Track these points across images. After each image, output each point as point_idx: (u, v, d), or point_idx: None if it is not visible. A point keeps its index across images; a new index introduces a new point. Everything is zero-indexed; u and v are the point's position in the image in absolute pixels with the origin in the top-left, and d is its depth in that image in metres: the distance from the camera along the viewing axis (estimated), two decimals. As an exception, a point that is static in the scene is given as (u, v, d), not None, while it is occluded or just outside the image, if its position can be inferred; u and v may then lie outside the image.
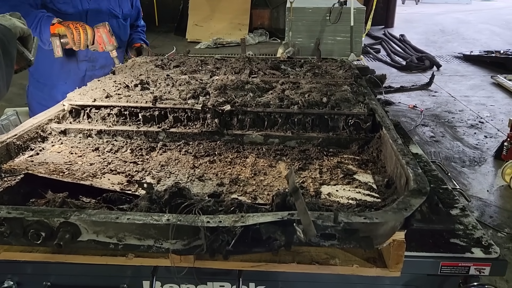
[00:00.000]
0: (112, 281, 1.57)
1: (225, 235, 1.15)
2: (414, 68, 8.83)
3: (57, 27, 2.47)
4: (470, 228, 1.60)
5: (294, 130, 1.96)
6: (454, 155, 5.27)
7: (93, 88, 2.20)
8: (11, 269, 1.57)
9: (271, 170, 1.73)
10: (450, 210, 1.65)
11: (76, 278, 1.59)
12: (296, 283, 1.54)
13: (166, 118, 2.02)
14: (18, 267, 1.56)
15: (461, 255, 1.46)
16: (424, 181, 1.36)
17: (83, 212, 1.19)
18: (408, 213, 1.19)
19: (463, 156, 5.25)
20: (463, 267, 1.47)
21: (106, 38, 2.57)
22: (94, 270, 1.53)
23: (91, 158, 1.81)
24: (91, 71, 2.94)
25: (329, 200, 1.50)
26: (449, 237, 1.53)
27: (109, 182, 1.60)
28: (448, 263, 1.46)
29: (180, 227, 1.16)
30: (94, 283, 1.58)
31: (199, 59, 2.87)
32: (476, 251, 1.47)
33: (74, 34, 2.46)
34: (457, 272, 1.47)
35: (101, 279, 1.58)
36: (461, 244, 1.51)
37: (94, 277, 1.59)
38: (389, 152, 1.70)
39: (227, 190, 1.57)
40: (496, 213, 4.14)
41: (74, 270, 1.54)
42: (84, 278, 1.58)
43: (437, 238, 1.51)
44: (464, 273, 1.48)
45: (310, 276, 1.52)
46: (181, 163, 1.78)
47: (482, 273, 1.49)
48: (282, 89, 2.20)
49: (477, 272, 1.48)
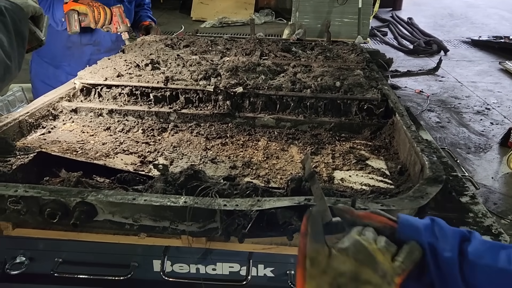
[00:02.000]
0: (122, 259, 1.58)
1: (241, 219, 1.16)
2: (421, 52, 8.73)
3: (73, 5, 2.48)
4: (480, 216, 1.60)
5: (306, 114, 1.95)
6: (459, 141, 5.26)
7: (103, 66, 2.19)
8: (24, 245, 1.58)
9: (283, 154, 1.73)
10: (460, 197, 1.65)
11: (87, 255, 1.60)
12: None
13: (178, 99, 2.01)
14: (31, 243, 1.57)
15: None
16: (440, 169, 1.36)
17: (100, 192, 1.19)
18: (425, 201, 1.19)
19: (468, 142, 5.24)
20: None
21: (121, 19, 2.60)
22: (106, 248, 1.54)
23: (103, 138, 1.80)
24: (96, 54, 2.92)
25: (343, 186, 1.50)
26: (459, 225, 1.54)
27: (122, 162, 1.60)
28: None
29: (196, 209, 1.17)
30: (105, 261, 1.60)
31: (208, 39, 2.84)
32: (486, 239, 1.48)
33: (95, 12, 2.48)
34: None
35: (112, 257, 1.60)
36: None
37: (105, 255, 1.60)
38: (402, 139, 1.70)
39: (240, 173, 1.57)
40: (501, 200, 4.15)
41: (85, 248, 1.56)
42: (95, 255, 1.60)
43: (447, 226, 1.52)
44: None
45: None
46: (193, 144, 1.78)
47: None
48: (294, 72, 2.18)
49: None
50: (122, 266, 1.56)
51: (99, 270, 1.58)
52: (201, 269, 1.57)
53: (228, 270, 1.57)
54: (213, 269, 1.57)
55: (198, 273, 1.57)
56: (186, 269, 1.58)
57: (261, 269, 1.58)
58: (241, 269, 1.56)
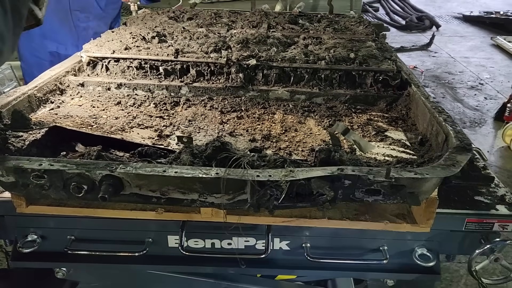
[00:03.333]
0: (136, 235, 1.56)
1: (273, 190, 1.14)
2: (414, 28, 8.71)
3: None
4: (493, 186, 1.61)
5: (321, 86, 1.92)
6: (454, 116, 5.30)
7: (109, 39, 2.11)
8: (36, 223, 1.55)
9: (301, 127, 1.71)
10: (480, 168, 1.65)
11: (100, 232, 1.58)
12: (321, 238, 1.55)
13: (188, 72, 1.96)
14: (43, 221, 1.54)
15: (486, 211, 1.48)
16: (467, 138, 1.35)
17: (128, 165, 1.16)
18: (457, 169, 1.18)
19: (463, 117, 5.28)
20: (487, 223, 1.49)
21: None
22: (119, 224, 1.52)
23: (115, 112, 1.75)
24: (85, 22, 2.80)
25: (365, 157, 1.49)
26: (473, 194, 1.55)
27: (139, 136, 1.56)
28: (473, 219, 1.48)
29: (228, 181, 1.14)
30: (118, 237, 1.58)
31: (212, 12, 2.76)
32: (501, 208, 1.49)
33: None
34: (481, 229, 1.50)
35: (126, 233, 1.58)
36: (485, 202, 1.53)
37: (119, 232, 1.58)
38: (421, 110, 1.68)
39: (261, 146, 1.55)
40: (496, 173, 4.21)
41: (98, 224, 1.53)
42: (108, 232, 1.57)
43: (462, 195, 1.52)
44: (488, 229, 1.50)
45: (335, 232, 1.53)
46: (208, 118, 1.74)
47: (505, 229, 1.51)
48: (305, 44, 2.14)
49: (500, 228, 1.51)
50: (137, 242, 1.54)
51: (113, 246, 1.56)
52: (216, 243, 1.56)
53: (244, 244, 1.56)
54: (228, 244, 1.56)
55: (213, 247, 1.56)
56: (201, 244, 1.57)
57: (277, 243, 1.57)
58: (257, 243, 1.55)
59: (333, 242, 1.58)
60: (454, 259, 1.71)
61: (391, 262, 1.52)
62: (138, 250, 1.52)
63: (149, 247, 1.53)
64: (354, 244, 1.57)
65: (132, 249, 1.54)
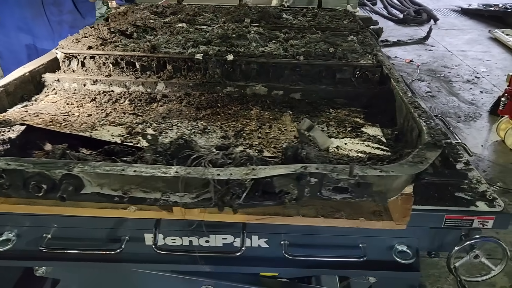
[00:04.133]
0: (114, 233, 1.54)
1: (236, 188, 1.11)
2: (411, 22, 8.64)
3: None
4: (474, 182, 1.59)
5: (300, 82, 1.88)
6: (449, 110, 5.26)
7: (86, 35, 2.08)
8: (10, 222, 1.53)
9: (276, 123, 1.68)
10: (455, 164, 1.63)
11: (77, 230, 1.56)
12: (299, 235, 1.53)
13: (165, 68, 1.93)
14: (17, 219, 1.52)
15: (466, 208, 1.46)
16: (439, 134, 1.32)
17: (86, 164, 1.13)
18: (424, 166, 1.16)
19: (458, 111, 5.24)
20: (467, 220, 1.47)
21: None
22: (96, 222, 1.50)
23: (89, 109, 1.73)
24: (58, 16, 2.77)
25: (338, 154, 1.46)
26: (454, 190, 1.52)
27: (109, 134, 1.54)
28: (453, 216, 1.45)
29: (189, 180, 1.12)
30: (95, 235, 1.56)
31: (196, 7, 2.73)
32: (481, 204, 1.47)
33: None
34: (460, 225, 1.47)
35: (103, 231, 1.56)
36: (465, 198, 1.50)
37: (96, 230, 1.56)
38: (398, 105, 1.65)
39: (232, 143, 1.52)
40: (490, 167, 4.18)
41: (75, 222, 1.51)
42: (85, 230, 1.56)
43: (442, 192, 1.50)
44: (467, 226, 1.48)
45: (313, 229, 1.51)
46: (183, 114, 1.72)
47: (485, 226, 1.49)
48: (286, 39, 2.10)
49: (480, 225, 1.48)
50: (113, 240, 1.53)
51: (90, 244, 1.54)
52: (194, 241, 1.54)
53: (222, 241, 1.54)
54: (206, 241, 1.54)
55: (191, 245, 1.54)
56: (179, 241, 1.55)
57: (255, 240, 1.55)
58: (235, 240, 1.53)
59: (311, 239, 1.56)
60: (437, 256, 1.69)
61: (370, 259, 1.50)
62: (115, 248, 1.50)
63: (126, 245, 1.51)
64: (333, 241, 1.55)
65: (108, 247, 1.52)
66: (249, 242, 1.53)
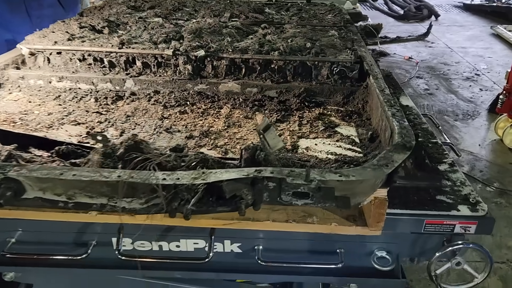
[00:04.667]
0: (80, 238, 1.46)
1: (184, 194, 1.03)
2: (412, 18, 8.50)
3: None
4: (458, 184, 1.49)
5: (274, 79, 1.79)
6: (447, 108, 5.14)
7: (54, 30, 2.00)
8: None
9: (246, 122, 1.59)
10: (438, 165, 1.53)
11: (43, 235, 1.48)
12: (273, 240, 1.45)
13: (134, 64, 1.84)
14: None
15: (447, 212, 1.36)
16: (410, 135, 1.23)
17: (23, 167, 1.05)
18: (389, 169, 1.07)
19: (456, 109, 5.12)
20: (448, 225, 1.37)
21: None
22: (62, 227, 1.42)
23: (51, 107, 1.65)
24: (38, 10, 2.69)
25: (307, 155, 1.37)
26: (435, 193, 1.43)
27: (66, 134, 1.46)
28: (433, 221, 1.36)
29: (135, 184, 1.03)
30: (62, 240, 1.48)
31: (176, 1, 2.64)
32: (463, 208, 1.37)
33: None
34: (441, 231, 1.38)
35: (70, 236, 1.48)
36: (447, 201, 1.40)
37: (62, 234, 1.48)
38: (375, 103, 1.56)
39: (196, 143, 1.44)
40: (487, 167, 4.06)
41: (40, 227, 1.43)
42: (51, 234, 1.48)
43: (422, 195, 1.40)
44: (448, 231, 1.38)
45: (288, 234, 1.42)
46: (149, 113, 1.63)
47: (467, 231, 1.40)
48: (263, 34, 2.01)
49: (462, 230, 1.39)
50: (80, 245, 1.45)
51: (55, 249, 1.46)
52: (164, 246, 1.46)
53: (193, 246, 1.46)
54: (177, 246, 1.46)
55: (161, 250, 1.46)
56: (148, 246, 1.46)
57: (228, 245, 1.47)
58: (206, 245, 1.45)
59: (287, 244, 1.47)
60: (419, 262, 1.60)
61: (349, 265, 1.42)
62: (81, 253, 1.42)
63: (93, 250, 1.43)
64: (309, 247, 1.46)
65: (74, 252, 1.44)
66: (222, 247, 1.45)
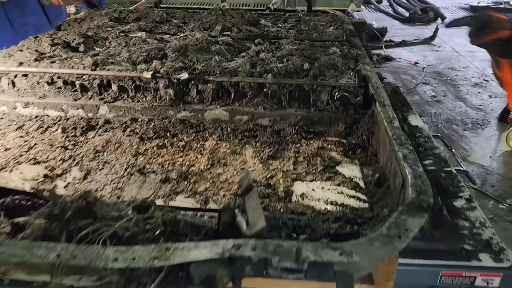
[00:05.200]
0: None
1: (142, 277, 0.81)
2: (418, 21, 8.26)
3: None
4: (477, 226, 1.27)
5: (267, 105, 1.57)
6: (456, 116, 4.89)
7: (23, 48, 1.79)
8: None
9: (233, 159, 1.37)
10: (454, 201, 1.31)
11: None
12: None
13: (110, 88, 1.63)
14: None
15: (466, 263, 1.15)
16: (427, 188, 1.01)
17: None
18: (403, 243, 0.85)
19: (465, 118, 4.87)
20: (467, 277, 1.16)
21: None
22: None
23: (10, 141, 1.44)
24: (22, 17, 2.50)
25: (302, 205, 1.15)
26: (451, 257, 1.21)
27: (20, 178, 1.24)
28: (450, 272, 1.15)
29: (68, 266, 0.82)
30: None
31: (165, 12, 2.42)
32: (484, 257, 1.15)
33: None
34: (460, 283, 1.17)
35: None
36: (466, 249, 1.18)
37: None
38: (382, 137, 1.34)
39: (173, 188, 1.22)
40: (499, 181, 3.81)
41: None
42: None
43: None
44: (468, 284, 1.17)
45: None
46: (122, 148, 1.42)
47: (490, 284, 1.18)
48: (256, 51, 1.79)
49: (484, 283, 1.18)
50: None
51: None
52: None
53: None
54: None
55: None
56: None
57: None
58: None
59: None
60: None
61: None
62: None
63: None
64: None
65: None
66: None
